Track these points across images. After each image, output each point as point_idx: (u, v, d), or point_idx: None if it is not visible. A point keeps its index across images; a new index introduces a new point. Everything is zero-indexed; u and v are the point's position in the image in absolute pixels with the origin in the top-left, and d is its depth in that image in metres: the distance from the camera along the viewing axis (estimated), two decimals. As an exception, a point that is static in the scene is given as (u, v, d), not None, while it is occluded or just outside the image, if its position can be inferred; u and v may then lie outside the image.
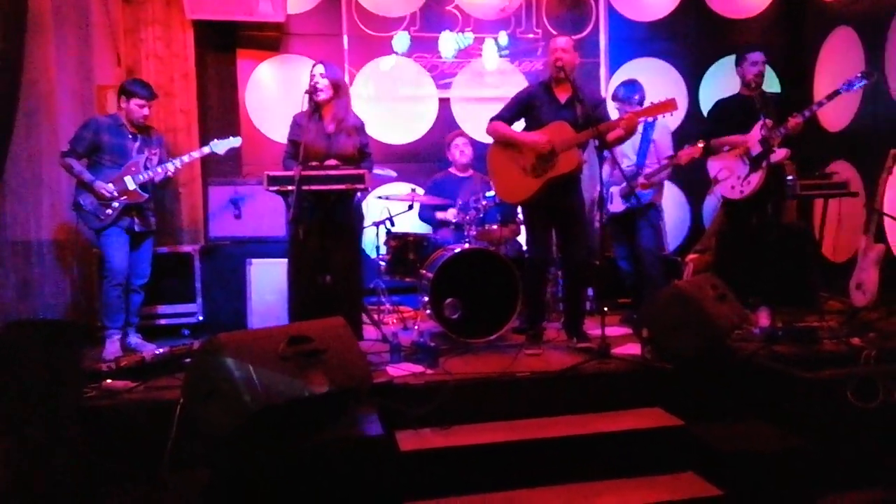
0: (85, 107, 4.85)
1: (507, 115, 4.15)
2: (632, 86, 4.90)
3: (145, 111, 4.32)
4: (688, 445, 3.24)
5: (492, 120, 4.16)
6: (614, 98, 4.97)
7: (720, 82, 6.23)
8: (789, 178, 4.92)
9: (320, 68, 4.06)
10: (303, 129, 3.98)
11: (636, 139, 4.81)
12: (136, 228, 4.30)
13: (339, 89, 4.12)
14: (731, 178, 4.55)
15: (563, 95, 4.07)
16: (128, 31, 5.35)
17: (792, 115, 4.34)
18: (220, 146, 4.51)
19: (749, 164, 4.43)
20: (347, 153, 4.05)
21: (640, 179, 4.71)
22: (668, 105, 3.89)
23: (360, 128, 4.19)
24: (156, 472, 2.73)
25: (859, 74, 4.32)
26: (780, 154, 4.40)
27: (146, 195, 4.28)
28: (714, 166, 4.64)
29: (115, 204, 4.18)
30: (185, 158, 4.45)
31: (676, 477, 3.14)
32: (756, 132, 4.39)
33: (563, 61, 3.97)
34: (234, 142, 4.57)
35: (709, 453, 3.15)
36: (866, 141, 5.46)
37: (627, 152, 4.85)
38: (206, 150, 4.51)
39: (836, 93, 4.34)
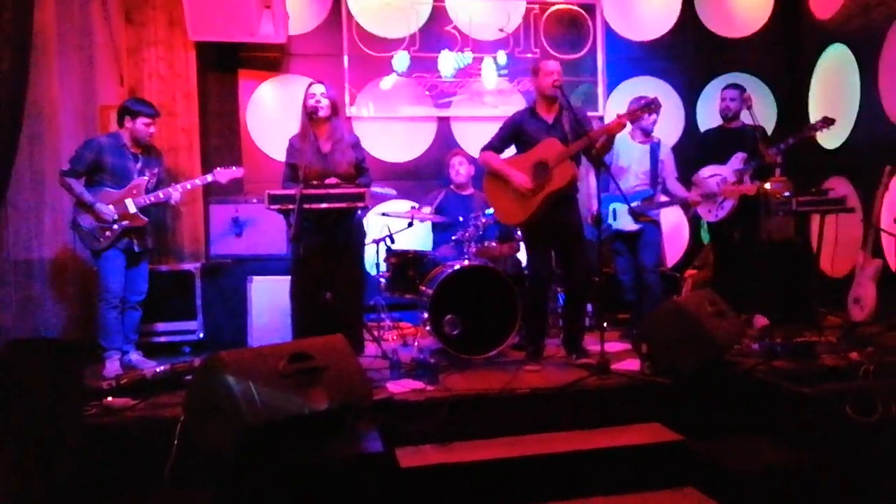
0: (88, 126, 4.89)
1: (497, 144, 4.23)
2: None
3: (152, 129, 4.34)
4: (687, 461, 3.24)
5: (483, 150, 4.24)
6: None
7: (717, 100, 6.26)
8: (786, 193, 4.98)
9: (321, 88, 4.11)
10: (299, 151, 4.03)
11: (643, 159, 4.85)
12: (136, 249, 4.31)
13: (338, 108, 4.19)
14: (708, 201, 4.93)
15: (549, 116, 4.14)
16: (130, 52, 5.43)
17: (768, 149, 4.69)
18: (223, 175, 4.52)
19: (723, 192, 4.83)
20: (344, 170, 4.10)
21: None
22: (651, 105, 4.07)
23: (355, 144, 4.25)
24: (157, 489, 2.73)
25: (820, 122, 4.69)
26: (752, 188, 4.76)
27: (146, 219, 4.29)
28: (694, 189, 4.97)
29: (115, 227, 4.19)
30: (188, 185, 4.46)
31: (676, 492, 3.15)
32: (733, 163, 4.79)
33: (560, 82, 4.04)
34: (237, 172, 4.57)
35: (708, 468, 3.15)
36: (862, 157, 5.50)
37: (636, 172, 4.88)
38: (208, 177, 4.51)
39: (803, 132, 4.76)
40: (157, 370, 3.66)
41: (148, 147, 4.41)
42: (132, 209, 4.23)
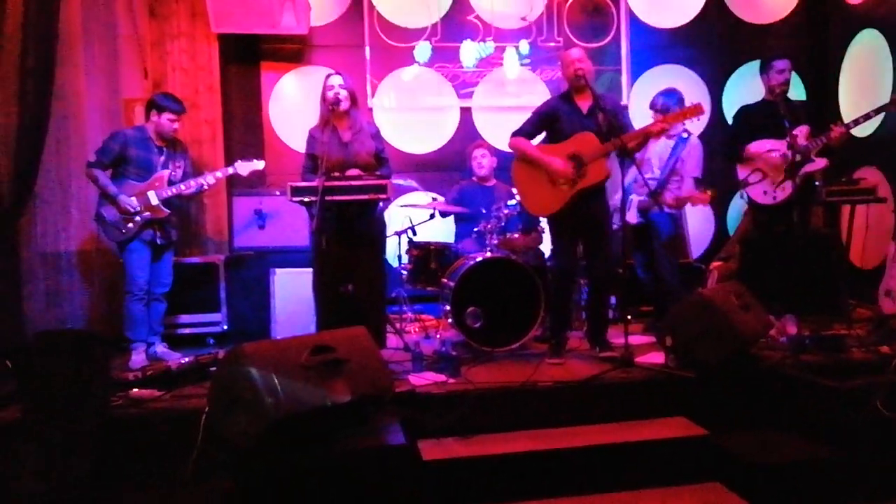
0: (113, 119, 4.95)
1: (530, 129, 4.13)
2: (671, 95, 4.83)
3: (176, 125, 4.39)
4: (713, 455, 3.20)
5: (514, 135, 4.14)
6: (653, 107, 4.86)
7: (744, 88, 6.19)
8: (816, 183, 4.86)
9: (339, 79, 4.10)
10: (318, 141, 4.03)
11: (664, 153, 4.77)
12: (159, 241, 4.35)
13: (356, 98, 4.19)
14: (764, 182, 4.48)
15: (584, 105, 4.06)
16: (154, 45, 5.48)
17: (835, 124, 4.30)
18: (244, 168, 4.57)
19: (785, 171, 4.33)
20: (364, 160, 4.09)
21: (669, 199, 4.69)
22: (694, 110, 3.88)
23: (375, 134, 4.24)
24: (180, 480, 2.76)
25: None
26: (819, 164, 4.34)
27: (168, 211, 4.34)
28: (744, 169, 4.57)
29: (137, 218, 4.24)
30: (210, 179, 4.49)
31: (701, 487, 3.11)
32: (794, 139, 4.28)
33: (583, 70, 3.98)
34: (258, 164, 4.63)
35: (734, 463, 3.11)
36: (894, 146, 5.38)
37: (654, 163, 4.81)
38: (229, 170, 4.57)
39: (884, 107, 4.29)
40: (182, 362, 3.69)
41: (173, 141, 4.45)
42: (154, 201, 4.27)
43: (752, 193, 4.56)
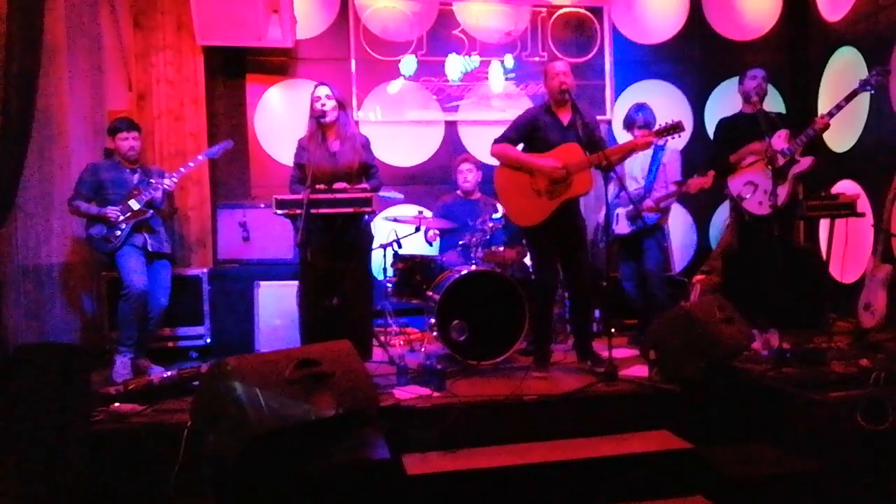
0: (96, 131, 4.91)
1: (514, 137, 4.11)
2: (645, 108, 4.92)
3: (131, 142, 4.37)
4: (696, 468, 3.22)
5: (497, 141, 4.12)
6: (632, 123, 4.94)
7: (725, 104, 6.26)
8: (799, 197, 4.91)
9: (325, 90, 4.10)
10: (307, 152, 4.03)
11: (645, 163, 4.82)
12: (150, 248, 4.32)
13: (345, 107, 4.20)
14: (758, 192, 4.48)
15: (565, 117, 4.10)
16: (139, 57, 5.46)
17: (819, 116, 4.41)
18: (214, 152, 4.60)
19: (773, 177, 4.27)
20: (352, 170, 4.09)
21: (648, 203, 4.73)
22: (676, 127, 3.96)
23: (365, 145, 4.24)
24: (163, 495, 2.73)
25: (874, 72, 4.33)
26: (805, 163, 4.39)
27: (151, 210, 4.32)
28: (735, 184, 4.60)
29: (123, 226, 4.23)
30: (182, 170, 4.50)
31: (685, 501, 3.12)
32: (776, 143, 4.34)
33: (567, 84, 4.01)
34: (227, 144, 4.64)
35: (717, 476, 3.13)
36: (872, 160, 5.47)
37: (636, 175, 4.86)
38: (199, 157, 4.59)
39: (855, 93, 4.36)
40: (165, 376, 3.65)
41: (144, 166, 4.48)
42: (135, 207, 4.27)
43: (749, 207, 4.54)
